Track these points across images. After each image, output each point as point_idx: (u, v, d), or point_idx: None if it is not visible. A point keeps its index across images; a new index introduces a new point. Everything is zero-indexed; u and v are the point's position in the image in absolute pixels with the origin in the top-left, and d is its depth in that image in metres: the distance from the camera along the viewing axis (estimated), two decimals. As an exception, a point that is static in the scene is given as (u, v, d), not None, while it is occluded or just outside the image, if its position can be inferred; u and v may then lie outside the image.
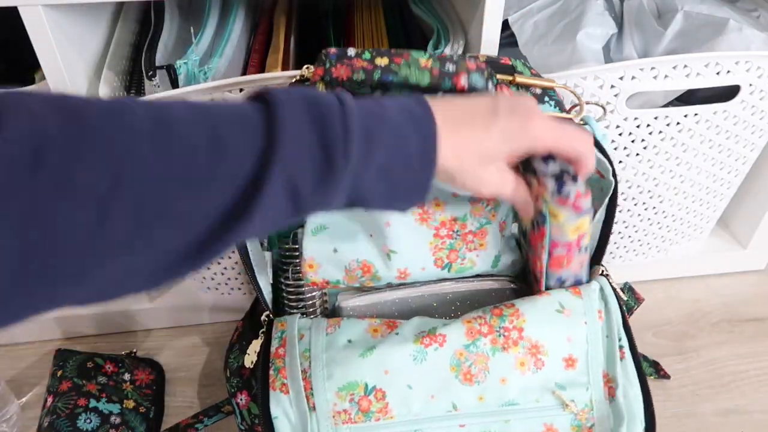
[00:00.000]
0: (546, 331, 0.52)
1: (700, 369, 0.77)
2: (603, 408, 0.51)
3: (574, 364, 0.52)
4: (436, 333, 0.51)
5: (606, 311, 0.53)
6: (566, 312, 0.52)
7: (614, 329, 0.53)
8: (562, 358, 0.52)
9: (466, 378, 0.51)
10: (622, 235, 0.80)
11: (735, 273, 0.89)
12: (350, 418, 0.50)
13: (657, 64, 0.63)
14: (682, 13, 0.71)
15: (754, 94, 0.67)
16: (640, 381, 0.52)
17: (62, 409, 0.67)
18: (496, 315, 0.52)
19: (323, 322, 0.54)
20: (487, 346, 0.51)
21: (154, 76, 0.61)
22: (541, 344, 0.51)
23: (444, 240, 0.55)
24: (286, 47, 0.70)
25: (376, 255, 0.55)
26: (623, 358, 0.52)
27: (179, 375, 0.76)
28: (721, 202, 0.81)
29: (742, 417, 0.72)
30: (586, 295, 0.53)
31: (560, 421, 0.51)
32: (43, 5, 0.55)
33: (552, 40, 0.70)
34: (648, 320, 0.82)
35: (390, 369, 0.50)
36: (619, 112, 0.66)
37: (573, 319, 0.52)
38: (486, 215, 0.56)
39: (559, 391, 0.51)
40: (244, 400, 0.56)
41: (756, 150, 0.75)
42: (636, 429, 0.50)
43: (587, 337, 0.52)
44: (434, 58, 0.51)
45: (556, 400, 0.51)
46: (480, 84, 0.50)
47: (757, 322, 0.82)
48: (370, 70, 0.49)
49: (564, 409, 0.51)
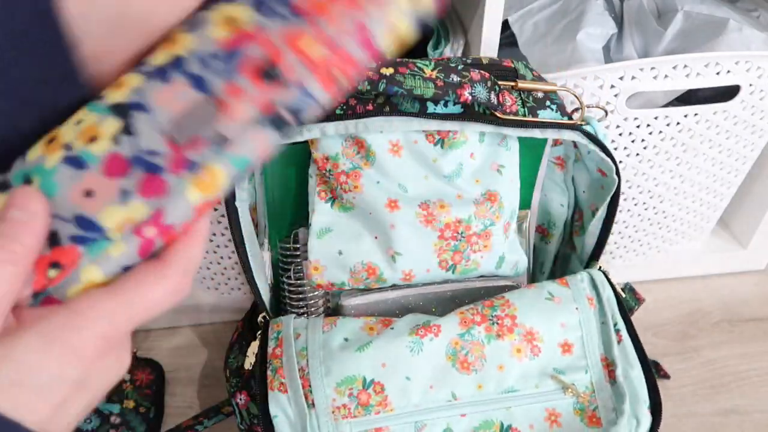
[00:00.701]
0: (539, 318, 0.53)
1: (700, 369, 0.77)
2: (604, 390, 0.52)
3: (570, 349, 0.52)
4: (430, 324, 0.52)
5: (598, 299, 0.54)
6: (556, 300, 0.54)
7: (608, 315, 0.54)
8: (558, 344, 0.52)
9: (464, 366, 0.51)
10: (622, 235, 0.80)
11: (735, 273, 0.89)
12: (350, 413, 0.50)
13: (657, 64, 0.63)
14: (682, 13, 0.71)
15: (754, 94, 0.67)
16: (641, 362, 0.52)
17: (62, 410, 0.67)
18: (487, 306, 0.54)
19: (319, 322, 0.54)
20: (482, 334, 0.52)
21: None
22: (536, 331, 0.52)
23: (448, 242, 0.55)
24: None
25: (381, 257, 0.56)
26: (621, 341, 0.53)
27: (179, 375, 0.76)
28: (721, 202, 0.81)
29: (742, 417, 0.72)
30: (573, 284, 0.55)
31: (562, 405, 0.51)
32: (42, 5, 0.55)
33: (552, 40, 0.70)
34: (648, 320, 0.82)
35: (387, 362, 0.50)
36: (619, 112, 0.66)
37: (564, 306, 0.54)
38: (490, 217, 0.56)
39: (558, 376, 0.52)
40: (243, 400, 0.56)
41: (756, 150, 0.75)
42: (640, 408, 0.50)
43: (580, 322, 0.53)
44: (438, 68, 0.51)
45: (556, 385, 0.52)
46: (483, 96, 0.51)
47: (757, 322, 0.82)
48: (375, 80, 0.50)
49: (565, 392, 0.51)
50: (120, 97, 0.31)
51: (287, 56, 0.31)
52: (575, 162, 0.63)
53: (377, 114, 0.52)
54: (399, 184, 0.55)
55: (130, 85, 0.31)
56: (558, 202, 0.65)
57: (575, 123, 0.54)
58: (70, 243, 0.29)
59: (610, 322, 0.53)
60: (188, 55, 0.31)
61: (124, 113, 0.30)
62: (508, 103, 0.53)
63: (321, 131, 0.52)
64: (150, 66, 0.31)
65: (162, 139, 0.30)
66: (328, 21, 0.31)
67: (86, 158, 0.30)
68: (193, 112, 0.30)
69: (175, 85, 0.30)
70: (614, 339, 0.53)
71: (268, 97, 0.30)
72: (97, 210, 0.29)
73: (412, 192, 0.55)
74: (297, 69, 0.31)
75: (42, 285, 0.30)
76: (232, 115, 0.30)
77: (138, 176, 0.30)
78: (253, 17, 0.31)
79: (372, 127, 0.52)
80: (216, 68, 0.31)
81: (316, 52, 0.31)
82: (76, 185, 0.30)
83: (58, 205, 0.30)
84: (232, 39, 0.31)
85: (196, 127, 0.30)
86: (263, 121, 0.31)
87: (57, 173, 0.30)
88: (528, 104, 0.54)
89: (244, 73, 0.30)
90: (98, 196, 0.30)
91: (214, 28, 0.31)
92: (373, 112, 0.52)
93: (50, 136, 0.31)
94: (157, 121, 0.30)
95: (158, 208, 0.30)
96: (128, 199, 0.29)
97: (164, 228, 0.30)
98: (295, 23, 0.31)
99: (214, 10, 0.32)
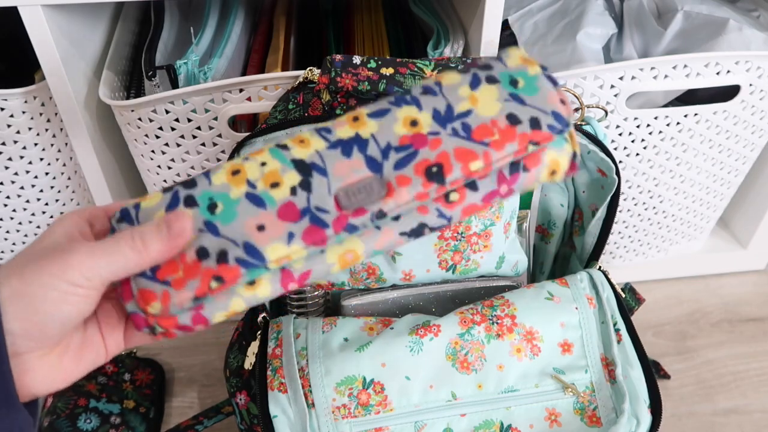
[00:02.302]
0: (539, 318, 0.53)
1: (700, 369, 0.77)
2: (604, 390, 0.52)
3: (570, 349, 0.52)
4: (430, 324, 0.52)
5: (598, 299, 0.54)
6: (556, 299, 0.54)
7: (608, 314, 0.54)
8: (558, 344, 0.53)
9: (463, 366, 0.51)
10: (622, 235, 0.80)
11: (735, 273, 0.89)
12: (350, 413, 0.50)
13: (657, 64, 0.63)
14: (682, 13, 0.71)
15: (754, 94, 0.67)
16: (641, 362, 0.52)
17: (62, 409, 0.67)
18: (487, 306, 0.54)
19: (319, 321, 0.54)
20: (482, 334, 0.52)
21: (154, 76, 0.61)
22: (536, 330, 0.52)
23: (449, 242, 0.55)
24: (286, 47, 0.70)
25: (381, 257, 0.56)
26: (620, 341, 0.53)
27: (179, 375, 0.76)
28: (721, 202, 0.81)
29: (742, 417, 0.72)
30: (572, 284, 0.55)
31: (562, 405, 0.51)
32: (43, 5, 0.55)
33: (552, 40, 0.70)
34: (648, 320, 0.82)
35: (387, 361, 0.50)
36: (619, 112, 0.66)
37: (564, 306, 0.54)
38: (490, 217, 0.56)
39: (558, 375, 0.52)
40: (243, 400, 0.56)
41: (756, 150, 0.75)
42: (640, 407, 0.50)
43: (580, 322, 0.53)
44: (438, 68, 0.51)
45: (556, 384, 0.52)
46: None
47: (757, 322, 0.82)
48: (375, 80, 0.50)
49: (565, 392, 0.51)
50: (304, 155, 0.37)
51: (455, 168, 0.36)
52: (575, 162, 0.63)
53: (377, 114, 0.51)
54: (399, 184, 0.55)
55: (313, 146, 0.37)
56: (558, 202, 0.65)
57: (575, 123, 0.54)
58: (235, 263, 0.35)
59: (610, 322, 0.53)
60: (370, 138, 0.37)
61: (306, 171, 0.37)
62: (508, 103, 0.53)
63: (321, 131, 0.52)
64: (334, 135, 0.37)
65: (332, 201, 0.36)
66: (498, 153, 0.37)
67: (266, 200, 0.36)
68: (365, 188, 0.36)
69: (353, 162, 0.37)
70: (614, 339, 0.53)
71: (430, 192, 0.36)
72: (265, 243, 0.35)
73: (412, 192, 0.55)
74: (459, 179, 0.37)
75: (203, 292, 0.35)
76: (396, 198, 0.36)
77: (304, 224, 0.36)
78: (432, 125, 0.37)
79: (372, 127, 0.52)
80: (392, 157, 0.37)
81: (478, 170, 0.37)
82: (252, 219, 0.36)
83: (233, 231, 0.35)
84: (410, 137, 0.37)
85: (363, 200, 0.36)
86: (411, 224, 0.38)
87: (239, 205, 0.36)
88: (528, 104, 0.54)
89: (414, 168, 0.36)
90: (268, 231, 0.35)
91: (397, 123, 0.37)
92: (373, 112, 0.51)
93: (235, 167, 0.37)
94: (331, 185, 0.36)
95: (304, 265, 0.37)
96: (292, 241, 0.35)
97: (305, 273, 0.37)
98: (470, 145, 0.37)
99: (402, 108, 0.38)
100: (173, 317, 0.36)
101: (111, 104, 0.61)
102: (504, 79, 0.38)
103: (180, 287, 0.35)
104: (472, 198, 0.38)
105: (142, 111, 0.60)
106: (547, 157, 0.38)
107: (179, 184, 0.37)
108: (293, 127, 0.52)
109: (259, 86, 0.59)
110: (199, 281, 0.35)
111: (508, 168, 0.38)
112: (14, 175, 0.67)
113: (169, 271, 0.35)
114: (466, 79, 0.38)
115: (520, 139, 0.37)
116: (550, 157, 0.38)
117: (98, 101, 0.65)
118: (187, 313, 0.36)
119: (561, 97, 0.38)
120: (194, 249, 0.35)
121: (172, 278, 0.35)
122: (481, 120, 0.37)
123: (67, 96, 0.61)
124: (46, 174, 0.68)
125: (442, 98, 0.38)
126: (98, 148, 0.66)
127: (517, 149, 0.37)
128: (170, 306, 0.35)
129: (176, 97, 0.59)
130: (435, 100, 0.38)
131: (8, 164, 0.66)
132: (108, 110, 0.65)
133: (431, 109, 0.38)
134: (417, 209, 0.37)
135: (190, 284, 0.35)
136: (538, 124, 0.37)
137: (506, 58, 0.40)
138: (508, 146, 0.37)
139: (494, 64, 0.39)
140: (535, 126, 0.37)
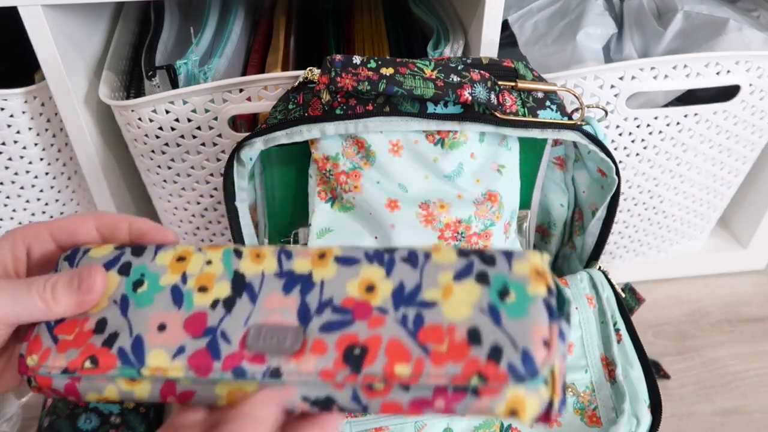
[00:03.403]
0: None
1: (700, 369, 0.77)
2: (604, 390, 0.52)
3: (570, 349, 0.53)
4: None
5: (597, 298, 0.54)
6: None
7: (608, 314, 0.54)
8: None
9: None
10: (622, 235, 0.80)
11: (735, 273, 0.89)
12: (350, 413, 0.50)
13: (657, 64, 0.63)
14: (682, 13, 0.71)
15: (754, 94, 0.67)
16: (641, 362, 0.52)
17: (62, 409, 0.67)
18: None
19: None
20: None
21: (154, 76, 0.61)
22: None
23: (448, 242, 0.55)
24: (286, 47, 0.70)
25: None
26: (620, 341, 0.53)
27: (179, 375, 0.76)
28: (721, 202, 0.81)
29: (742, 417, 0.72)
30: (572, 284, 0.56)
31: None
32: (43, 5, 0.55)
33: (552, 40, 0.70)
34: (648, 320, 0.82)
35: None
36: (619, 112, 0.66)
37: None
38: (490, 217, 0.56)
39: None
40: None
41: (756, 150, 0.75)
42: (640, 407, 0.50)
43: (580, 322, 0.53)
44: (438, 68, 0.51)
45: None
46: (483, 96, 0.51)
47: (757, 322, 0.82)
48: (375, 80, 0.50)
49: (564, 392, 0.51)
50: (249, 271, 0.34)
51: (378, 360, 0.31)
52: (575, 162, 0.63)
53: (377, 114, 0.52)
54: (399, 184, 0.55)
55: (264, 266, 0.34)
56: (558, 202, 0.65)
57: (575, 123, 0.54)
58: (115, 353, 0.32)
59: (610, 322, 0.53)
60: (318, 284, 0.33)
61: (238, 289, 0.33)
62: (508, 103, 0.53)
63: (321, 131, 0.52)
64: (289, 264, 0.34)
65: (241, 334, 0.32)
66: (434, 368, 0.30)
67: (186, 301, 0.33)
68: (279, 334, 0.32)
69: (288, 300, 0.33)
70: (614, 339, 0.53)
71: (338, 375, 0.31)
72: (154, 346, 0.32)
73: (412, 192, 0.55)
74: (376, 376, 0.30)
75: (75, 367, 0.32)
76: (300, 364, 0.31)
77: (199, 345, 0.32)
78: (386, 301, 0.32)
79: (372, 127, 0.52)
80: (325, 315, 0.32)
81: (401, 376, 0.30)
82: (161, 314, 0.33)
83: (138, 317, 0.33)
84: (356, 302, 0.32)
85: (271, 347, 0.31)
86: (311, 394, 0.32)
87: (161, 293, 0.34)
88: (528, 104, 0.54)
89: (338, 339, 0.31)
90: (165, 335, 0.33)
91: (353, 281, 0.33)
92: (373, 112, 0.52)
93: (183, 254, 0.35)
94: (252, 316, 0.32)
95: (190, 386, 0.33)
96: (177, 357, 0.32)
97: (187, 393, 0.33)
98: (408, 343, 0.31)
99: (371, 267, 0.33)
100: (48, 378, 0.34)
101: (111, 104, 0.61)
102: (495, 284, 0.31)
103: (62, 351, 0.33)
104: (398, 397, 0.31)
105: (142, 111, 0.60)
106: (509, 393, 0.30)
107: (132, 246, 0.36)
108: (293, 127, 0.52)
109: (259, 86, 0.59)
110: (78, 354, 0.33)
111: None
112: (14, 175, 0.67)
113: (65, 330, 0.34)
114: (459, 264, 0.32)
115: (466, 364, 0.29)
116: (512, 393, 0.30)
117: (98, 101, 0.65)
118: (64, 379, 0.33)
119: (548, 337, 0.30)
120: (97, 319, 0.34)
121: (62, 338, 0.33)
122: (440, 320, 0.31)
123: (67, 96, 0.61)
124: (46, 174, 0.68)
125: (417, 275, 0.32)
126: (98, 148, 0.66)
127: (458, 374, 0.29)
128: (42, 366, 0.33)
129: (176, 97, 0.59)
130: (409, 273, 0.33)
131: (8, 164, 0.66)
132: (108, 110, 0.65)
133: (398, 281, 0.32)
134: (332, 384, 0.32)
135: (70, 353, 0.33)
136: (497, 356, 0.29)
137: (516, 260, 0.32)
138: (449, 366, 0.30)
139: (498, 261, 0.32)
140: (493, 357, 0.29)
